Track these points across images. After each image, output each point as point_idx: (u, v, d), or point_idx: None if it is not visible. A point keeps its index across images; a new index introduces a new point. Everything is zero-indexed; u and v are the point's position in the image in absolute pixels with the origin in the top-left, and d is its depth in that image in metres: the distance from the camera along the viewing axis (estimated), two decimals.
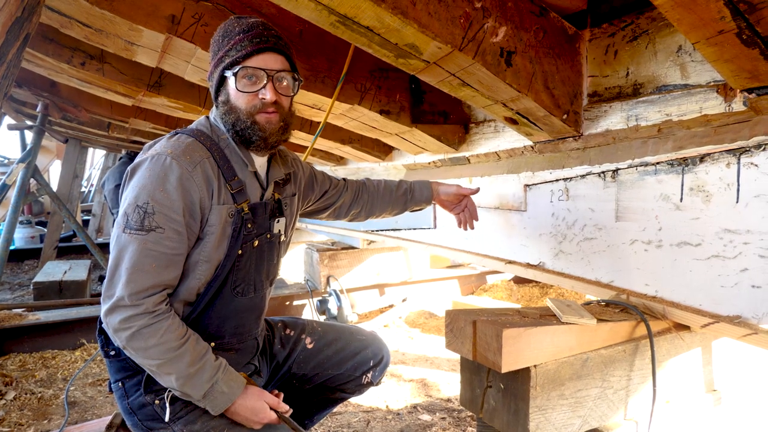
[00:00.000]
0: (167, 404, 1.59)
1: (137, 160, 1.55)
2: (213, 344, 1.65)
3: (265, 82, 1.58)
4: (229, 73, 1.57)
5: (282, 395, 1.73)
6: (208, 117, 1.71)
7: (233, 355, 1.73)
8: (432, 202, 2.31)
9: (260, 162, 1.72)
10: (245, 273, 1.68)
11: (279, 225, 1.79)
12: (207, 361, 1.53)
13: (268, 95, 1.58)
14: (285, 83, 1.63)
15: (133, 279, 1.45)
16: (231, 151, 1.64)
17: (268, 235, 1.73)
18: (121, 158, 1.63)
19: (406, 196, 2.26)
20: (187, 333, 1.53)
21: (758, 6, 1.00)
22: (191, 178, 1.51)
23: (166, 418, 1.59)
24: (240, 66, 1.55)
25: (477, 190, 2.26)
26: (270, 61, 1.58)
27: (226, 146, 1.64)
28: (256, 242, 1.68)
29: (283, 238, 1.83)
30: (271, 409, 1.62)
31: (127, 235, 1.46)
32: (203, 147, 1.58)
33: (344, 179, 2.24)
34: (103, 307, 1.48)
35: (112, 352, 1.62)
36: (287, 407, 1.66)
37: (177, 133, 1.62)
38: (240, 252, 1.63)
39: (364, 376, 2.06)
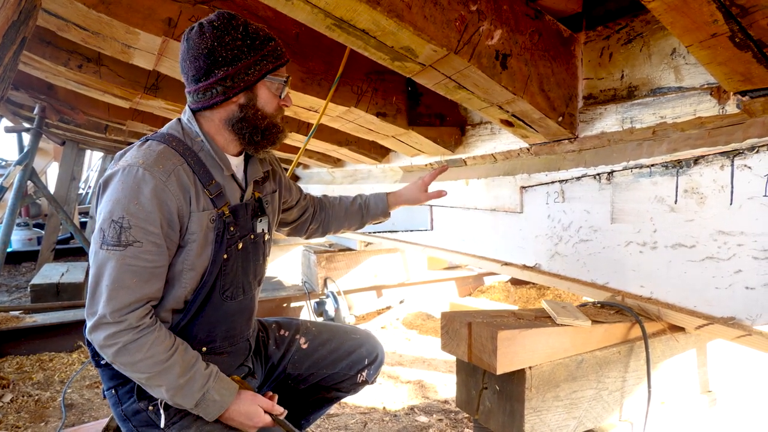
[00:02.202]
0: (161, 410, 1.58)
1: (109, 172, 1.52)
2: (204, 349, 1.65)
3: (287, 89, 1.69)
4: (273, 79, 1.62)
5: (276, 397, 1.73)
6: (179, 120, 1.67)
7: (225, 359, 1.72)
8: (389, 215, 2.30)
9: (236, 162, 1.70)
10: (233, 277, 1.66)
11: (262, 224, 1.78)
12: (197, 371, 1.52)
13: (291, 103, 1.72)
14: None
15: (114, 296, 1.43)
16: (206, 155, 1.61)
17: (252, 236, 1.72)
18: None
19: (362, 211, 2.26)
20: (175, 344, 1.51)
21: (750, 10, 1.01)
22: (166, 188, 1.48)
23: (162, 425, 1.58)
24: (288, 76, 1.66)
25: (444, 169, 2.33)
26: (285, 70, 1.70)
27: (200, 149, 1.61)
28: (241, 244, 1.67)
29: (267, 236, 1.82)
30: (265, 412, 1.62)
31: (104, 251, 1.44)
32: (176, 153, 1.55)
33: (310, 195, 2.24)
34: (87, 324, 1.47)
35: (103, 361, 1.60)
36: (282, 409, 1.66)
37: (148, 140, 1.59)
38: (225, 256, 1.62)
39: (359, 375, 2.06)
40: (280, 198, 1.97)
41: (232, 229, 1.63)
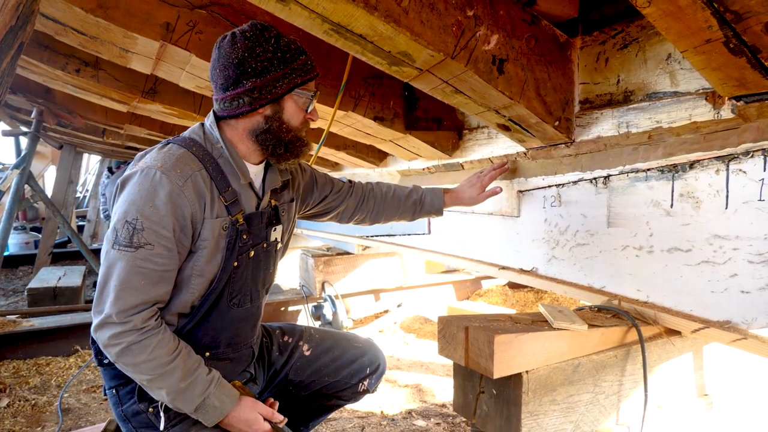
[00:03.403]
0: (161, 412, 1.58)
1: (127, 172, 1.52)
2: (208, 354, 1.64)
3: (315, 103, 1.69)
4: (301, 93, 1.61)
5: (277, 405, 1.72)
6: (202, 125, 1.67)
7: (228, 365, 1.72)
8: (443, 213, 2.29)
9: (255, 171, 1.70)
10: (242, 284, 1.66)
11: (276, 233, 1.77)
12: (198, 376, 1.52)
13: (317, 117, 1.72)
14: None
15: (121, 296, 1.43)
16: (224, 162, 1.61)
17: (265, 245, 1.72)
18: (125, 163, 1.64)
19: (416, 207, 2.24)
20: (179, 347, 1.51)
21: (744, 16, 1.02)
22: (182, 194, 1.48)
23: (161, 427, 1.58)
24: (316, 90, 1.66)
25: (504, 167, 2.28)
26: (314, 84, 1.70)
27: (219, 156, 1.61)
28: (252, 252, 1.67)
29: (279, 245, 1.82)
30: (265, 419, 1.62)
31: (116, 251, 1.44)
32: (195, 158, 1.55)
33: (350, 182, 2.20)
34: (93, 322, 1.47)
35: (106, 360, 1.61)
36: (281, 417, 1.65)
37: (169, 143, 1.60)
38: (236, 264, 1.61)
39: (360, 384, 2.06)
40: (297, 206, 1.96)
41: (245, 237, 1.63)
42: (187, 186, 1.50)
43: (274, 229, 1.77)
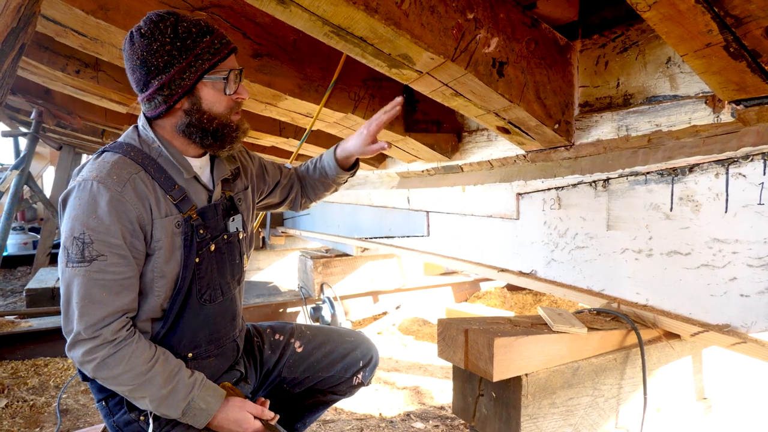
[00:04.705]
0: (150, 420, 1.57)
1: (67, 189, 1.50)
2: (190, 355, 1.63)
3: (239, 82, 1.59)
4: (213, 78, 1.53)
5: (267, 402, 1.71)
6: (136, 127, 1.62)
7: (213, 362, 1.71)
8: (350, 167, 2.11)
9: (199, 164, 1.66)
10: (209, 279, 1.64)
11: (235, 223, 1.75)
12: (180, 380, 1.51)
13: (246, 95, 1.61)
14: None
15: (86, 312, 1.42)
16: (165, 160, 1.57)
17: (225, 236, 1.69)
18: None
19: (321, 171, 2.12)
20: (155, 354, 1.50)
21: (744, 20, 1.02)
22: (122, 199, 1.45)
23: None
24: (230, 70, 1.54)
25: (395, 110, 1.93)
26: (235, 60, 1.60)
27: (158, 155, 1.57)
28: (213, 246, 1.64)
29: (242, 235, 1.78)
30: (256, 417, 1.61)
31: (70, 269, 1.42)
32: (132, 162, 1.51)
33: (293, 167, 2.17)
34: (66, 343, 1.46)
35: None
36: (272, 414, 1.64)
37: (104, 151, 1.56)
38: (197, 260, 1.59)
39: (354, 377, 2.06)
40: (254, 193, 1.93)
41: (201, 231, 1.60)
42: (126, 190, 1.46)
43: (233, 220, 1.74)
